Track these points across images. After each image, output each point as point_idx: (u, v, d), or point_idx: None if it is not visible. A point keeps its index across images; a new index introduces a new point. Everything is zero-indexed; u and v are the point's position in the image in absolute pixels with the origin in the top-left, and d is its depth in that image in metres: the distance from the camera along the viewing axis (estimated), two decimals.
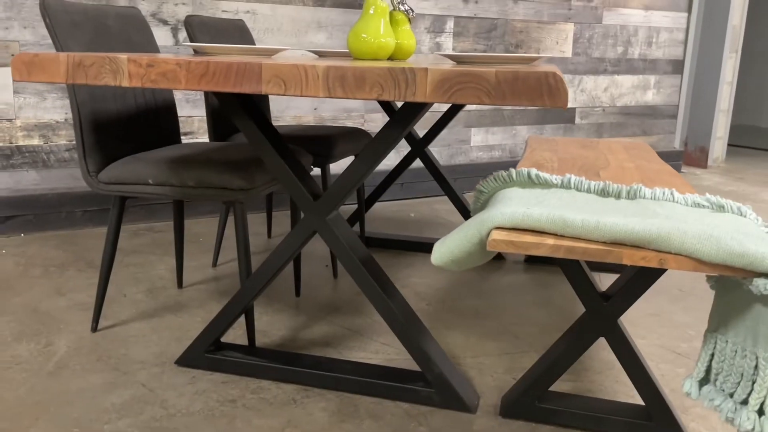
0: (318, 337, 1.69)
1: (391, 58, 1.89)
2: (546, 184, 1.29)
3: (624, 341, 1.22)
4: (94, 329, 1.68)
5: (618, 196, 1.23)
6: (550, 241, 1.03)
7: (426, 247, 2.44)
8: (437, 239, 2.47)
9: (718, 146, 4.57)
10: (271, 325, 1.76)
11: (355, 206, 3.15)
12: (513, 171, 1.31)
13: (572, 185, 1.27)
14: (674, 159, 4.30)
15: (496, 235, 1.05)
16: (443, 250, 1.18)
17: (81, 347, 1.59)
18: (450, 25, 3.36)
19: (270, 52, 1.49)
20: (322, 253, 2.40)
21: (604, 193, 1.24)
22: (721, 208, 1.14)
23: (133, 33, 1.75)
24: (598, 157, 1.86)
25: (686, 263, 0.98)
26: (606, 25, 3.88)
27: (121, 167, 1.53)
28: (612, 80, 4.00)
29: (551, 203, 1.16)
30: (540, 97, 0.93)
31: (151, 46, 1.81)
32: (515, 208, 1.10)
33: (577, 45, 3.81)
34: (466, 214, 2.41)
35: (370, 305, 1.92)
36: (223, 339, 1.64)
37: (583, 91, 3.91)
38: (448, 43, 3.37)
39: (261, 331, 1.71)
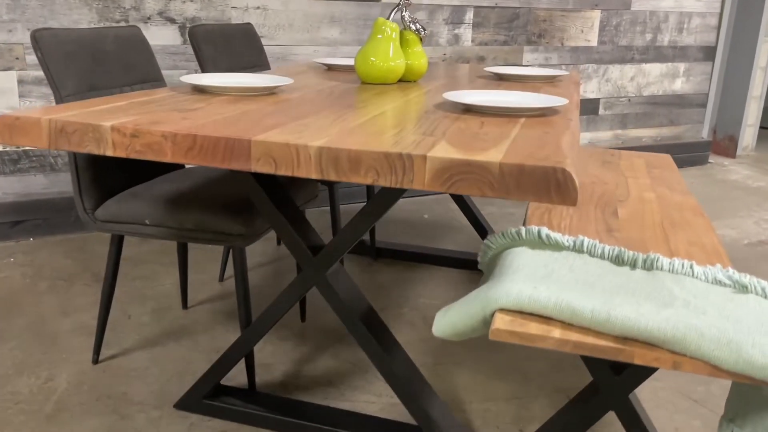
0: (321, 373, 1.65)
1: (401, 80, 1.80)
2: (557, 246, 1.21)
3: (635, 418, 1.16)
4: (95, 361, 1.66)
5: (633, 266, 1.15)
6: (557, 333, 0.96)
7: (438, 260, 2.38)
8: (451, 251, 2.40)
9: (748, 134, 4.40)
10: (275, 356, 1.72)
11: None
12: (522, 229, 1.24)
13: (585, 249, 1.20)
14: (702, 150, 4.15)
15: (500, 323, 0.99)
16: (445, 323, 1.12)
17: (82, 382, 1.58)
18: (470, 15, 3.22)
19: (270, 90, 1.42)
20: None
21: (618, 260, 1.17)
22: (744, 289, 1.07)
23: (132, 55, 1.68)
24: (618, 183, 1.77)
25: (702, 368, 0.91)
26: (635, 11, 3.70)
27: (118, 205, 1.48)
28: (639, 69, 3.84)
29: (561, 276, 1.09)
30: (547, 193, 0.85)
31: (151, 68, 1.74)
32: (522, 288, 1.03)
33: (603, 33, 3.64)
34: (479, 225, 2.34)
35: None
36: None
37: (608, 81, 3.76)
38: (467, 35, 3.24)
39: (264, 365, 1.68)
